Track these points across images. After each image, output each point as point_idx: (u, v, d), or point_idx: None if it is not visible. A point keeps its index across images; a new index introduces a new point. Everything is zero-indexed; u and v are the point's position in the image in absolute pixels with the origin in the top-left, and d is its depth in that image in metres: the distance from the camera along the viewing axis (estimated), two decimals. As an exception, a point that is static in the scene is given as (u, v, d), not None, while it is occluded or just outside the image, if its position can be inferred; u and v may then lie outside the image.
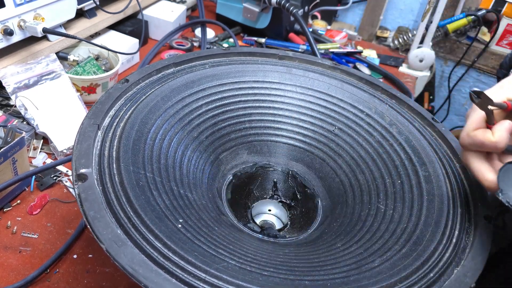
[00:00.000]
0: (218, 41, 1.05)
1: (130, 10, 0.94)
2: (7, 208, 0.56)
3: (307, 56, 0.65)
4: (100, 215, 0.36)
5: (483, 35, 1.37)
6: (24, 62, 0.71)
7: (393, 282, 0.37)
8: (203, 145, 0.54)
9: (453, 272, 0.39)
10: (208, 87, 0.55)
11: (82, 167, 0.40)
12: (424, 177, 0.48)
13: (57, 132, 0.65)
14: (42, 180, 0.60)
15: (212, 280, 0.34)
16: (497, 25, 1.31)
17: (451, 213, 0.44)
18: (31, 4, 0.69)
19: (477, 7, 1.35)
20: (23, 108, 0.66)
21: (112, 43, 0.85)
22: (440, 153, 0.52)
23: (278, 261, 0.39)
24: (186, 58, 0.59)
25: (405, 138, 0.53)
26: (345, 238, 0.45)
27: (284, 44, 1.04)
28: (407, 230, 0.43)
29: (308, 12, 1.17)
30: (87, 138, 0.43)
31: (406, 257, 0.40)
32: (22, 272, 0.49)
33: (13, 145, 0.53)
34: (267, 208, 0.57)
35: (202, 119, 0.54)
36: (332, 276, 0.38)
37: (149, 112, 0.49)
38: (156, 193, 0.41)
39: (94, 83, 0.76)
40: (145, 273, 0.33)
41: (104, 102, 0.48)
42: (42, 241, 0.53)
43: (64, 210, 0.57)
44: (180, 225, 0.39)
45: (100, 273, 0.50)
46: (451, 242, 0.42)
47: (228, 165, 0.57)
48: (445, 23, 1.26)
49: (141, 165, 0.43)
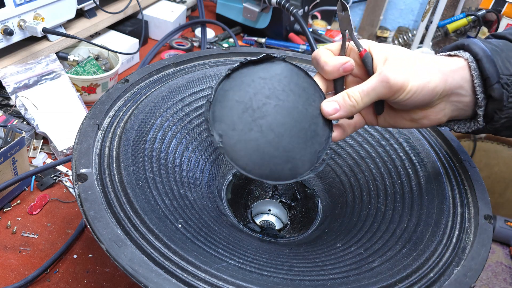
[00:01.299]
0: (218, 41, 1.05)
1: (130, 10, 0.94)
2: (7, 208, 0.56)
3: (307, 56, 0.65)
4: (100, 215, 0.36)
5: (483, 35, 1.37)
6: (24, 62, 0.71)
7: (393, 282, 0.37)
8: (203, 145, 0.54)
9: (453, 272, 0.39)
10: (208, 87, 0.55)
11: (82, 167, 0.40)
12: (424, 177, 0.48)
13: (57, 132, 0.65)
14: (42, 180, 0.60)
15: (212, 280, 0.34)
16: (497, 25, 1.31)
17: (451, 213, 0.44)
18: (31, 4, 0.69)
19: (477, 7, 1.35)
20: (23, 108, 0.66)
21: (112, 43, 0.85)
22: (440, 153, 0.52)
23: (278, 261, 0.39)
24: (186, 58, 0.59)
25: (405, 138, 0.53)
26: (345, 238, 0.45)
27: (284, 44, 1.04)
28: (407, 230, 0.43)
29: (308, 12, 1.17)
30: (87, 138, 0.43)
31: (406, 257, 0.40)
32: (22, 272, 0.49)
33: (13, 145, 0.53)
34: (267, 208, 0.57)
35: (202, 119, 0.54)
36: (332, 276, 0.38)
37: (149, 112, 0.49)
38: (156, 193, 0.41)
39: (94, 83, 0.76)
40: (145, 273, 0.33)
41: (104, 102, 0.48)
42: (42, 241, 0.53)
43: (64, 210, 0.57)
44: (180, 225, 0.39)
45: (100, 273, 0.50)
46: (451, 242, 0.42)
47: (228, 165, 0.57)
48: (445, 23, 1.26)
49: (141, 165, 0.43)
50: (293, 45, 1.04)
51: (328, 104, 0.41)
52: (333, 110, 0.40)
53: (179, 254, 0.35)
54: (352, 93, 0.39)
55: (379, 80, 0.38)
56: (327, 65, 0.40)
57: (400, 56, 0.39)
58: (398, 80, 0.37)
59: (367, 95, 0.39)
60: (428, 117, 0.41)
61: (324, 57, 0.41)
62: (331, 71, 0.40)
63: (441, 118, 0.41)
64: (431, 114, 0.40)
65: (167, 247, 0.35)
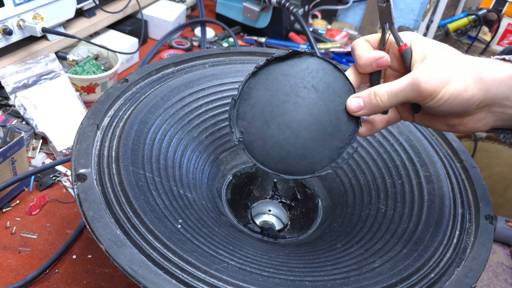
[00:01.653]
0: (218, 40, 1.04)
1: (130, 10, 0.94)
2: (6, 208, 0.56)
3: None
4: (99, 216, 0.36)
5: (484, 35, 1.36)
6: (23, 62, 0.70)
7: (394, 283, 0.37)
8: (203, 145, 0.53)
9: (454, 272, 0.39)
10: (208, 87, 0.55)
11: (81, 167, 0.40)
12: (425, 177, 0.48)
13: (56, 132, 0.65)
14: (41, 180, 0.60)
15: (212, 281, 0.34)
16: (498, 24, 1.31)
17: (452, 213, 0.44)
18: (31, 3, 0.69)
19: (477, 7, 1.35)
20: (22, 108, 0.65)
21: (112, 43, 0.85)
22: (441, 153, 0.52)
23: (278, 262, 0.39)
24: (186, 57, 0.59)
25: (406, 138, 0.53)
26: (346, 239, 0.45)
27: (284, 44, 1.04)
28: (408, 231, 0.43)
29: (308, 12, 1.16)
30: (86, 138, 0.43)
31: (407, 257, 0.40)
32: (21, 273, 0.49)
33: (12, 145, 0.53)
34: (267, 209, 0.57)
35: (202, 119, 0.54)
36: (333, 277, 0.38)
37: (149, 112, 0.49)
38: (156, 193, 0.41)
39: (93, 83, 0.75)
40: (144, 273, 0.33)
41: (103, 102, 0.48)
42: (41, 241, 0.53)
43: (63, 210, 0.57)
44: (179, 226, 0.38)
45: (100, 274, 0.50)
46: (452, 242, 0.42)
47: (228, 165, 0.56)
48: (445, 23, 1.25)
49: (141, 165, 0.43)
50: (293, 45, 1.04)
51: (353, 101, 0.39)
52: (357, 108, 0.39)
53: (179, 255, 0.35)
54: (380, 92, 0.37)
55: (409, 83, 0.35)
56: (360, 58, 0.39)
57: (441, 55, 0.36)
58: (430, 86, 0.34)
59: (395, 96, 0.36)
60: (465, 125, 0.37)
61: (359, 50, 0.39)
62: (363, 65, 0.39)
63: (480, 127, 0.37)
64: (469, 122, 0.37)
65: (166, 248, 0.35)
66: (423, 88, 0.35)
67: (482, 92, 0.34)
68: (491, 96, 0.35)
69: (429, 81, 0.34)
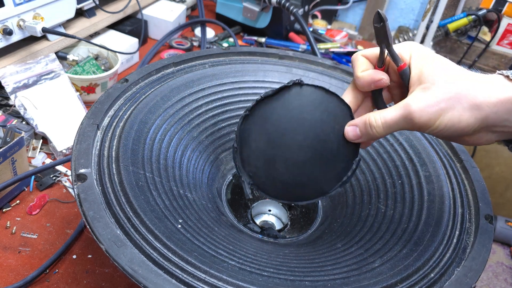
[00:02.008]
0: (218, 40, 1.04)
1: (130, 10, 0.94)
2: (6, 208, 0.56)
3: (307, 55, 0.64)
4: (99, 216, 0.36)
5: (484, 35, 1.36)
6: (23, 62, 0.70)
7: (394, 283, 0.37)
8: (203, 145, 0.53)
9: (454, 272, 0.39)
10: (208, 87, 0.55)
11: (81, 167, 0.40)
12: (425, 177, 0.48)
13: (57, 132, 0.65)
14: (42, 180, 0.60)
15: (212, 281, 0.34)
16: (497, 24, 1.31)
17: (452, 213, 0.44)
18: (31, 3, 0.69)
19: (477, 7, 1.35)
20: (22, 108, 0.65)
21: (112, 43, 0.85)
22: (441, 153, 0.52)
23: (278, 262, 0.39)
24: (186, 57, 0.59)
25: (406, 138, 0.53)
26: (346, 239, 0.45)
27: (284, 44, 1.04)
28: (408, 231, 0.43)
29: (308, 12, 1.16)
30: (86, 138, 0.43)
31: (406, 257, 0.40)
32: (21, 273, 0.49)
33: (13, 145, 0.53)
34: (267, 209, 0.57)
35: (202, 119, 0.54)
36: (333, 277, 0.38)
37: (149, 112, 0.49)
38: (156, 193, 0.41)
39: (93, 83, 0.75)
40: (144, 273, 0.33)
41: (103, 102, 0.48)
42: (42, 241, 0.53)
43: (63, 210, 0.57)
44: (179, 226, 0.38)
45: (100, 274, 0.50)
46: (452, 242, 0.42)
47: (228, 165, 0.56)
48: (445, 23, 1.25)
49: (141, 165, 0.43)
50: (293, 45, 1.04)
51: (350, 129, 0.40)
52: (355, 136, 0.40)
53: (179, 255, 0.35)
54: (375, 121, 0.38)
55: (402, 116, 0.35)
56: (359, 80, 0.39)
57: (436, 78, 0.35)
58: (423, 119, 0.34)
59: (389, 127, 0.37)
60: (467, 142, 0.37)
61: (358, 70, 0.39)
62: (362, 86, 0.39)
63: (483, 143, 0.37)
64: (470, 140, 0.37)
65: (166, 248, 0.35)
66: (416, 121, 0.35)
67: (478, 120, 0.34)
68: (489, 122, 0.34)
69: (422, 114, 0.34)
